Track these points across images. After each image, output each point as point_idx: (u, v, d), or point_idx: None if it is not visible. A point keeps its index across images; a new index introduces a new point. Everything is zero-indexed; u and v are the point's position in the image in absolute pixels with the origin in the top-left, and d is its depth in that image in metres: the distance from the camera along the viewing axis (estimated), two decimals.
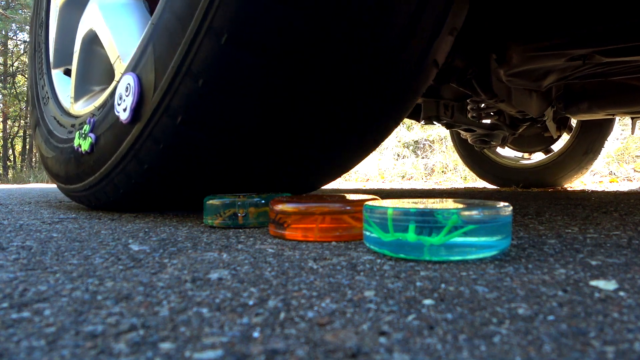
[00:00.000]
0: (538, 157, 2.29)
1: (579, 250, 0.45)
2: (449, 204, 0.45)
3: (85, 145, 0.85)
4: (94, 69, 0.98)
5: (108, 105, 0.81)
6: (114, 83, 0.82)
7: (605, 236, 0.54)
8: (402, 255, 0.40)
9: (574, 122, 2.08)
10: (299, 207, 0.52)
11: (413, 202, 0.47)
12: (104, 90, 0.97)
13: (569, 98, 1.53)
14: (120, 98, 0.75)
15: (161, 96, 0.66)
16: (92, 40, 0.95)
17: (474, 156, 2.36)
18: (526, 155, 2.32)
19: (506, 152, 2.36)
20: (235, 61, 0.60)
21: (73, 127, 0.94)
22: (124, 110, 0.73)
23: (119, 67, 0.81)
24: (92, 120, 0.85)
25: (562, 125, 1.86)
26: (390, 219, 0.40)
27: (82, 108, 0.95)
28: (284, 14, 0.57)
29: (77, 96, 0.99)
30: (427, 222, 0.39)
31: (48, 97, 1.10)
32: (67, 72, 1.12)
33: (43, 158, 1.09)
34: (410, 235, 0.39)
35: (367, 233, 0.43)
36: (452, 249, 0.39)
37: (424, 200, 0.51)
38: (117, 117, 0.76)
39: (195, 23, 0.60)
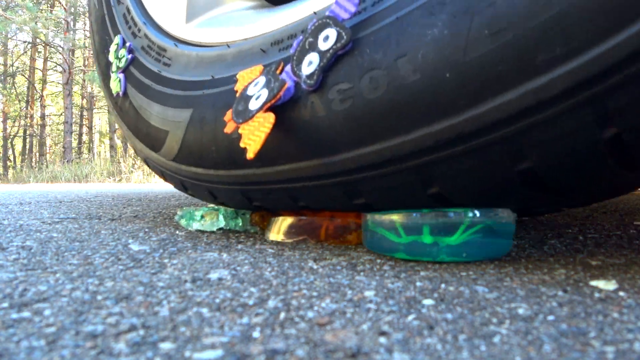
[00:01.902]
0: None
1: (579, 250, 0.45)
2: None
3: (115, 85, 0.68)
4: None
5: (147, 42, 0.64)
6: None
7: (606, 236, 0.54)
8: (417, 257, 0.40)
9: None
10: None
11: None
12: None
13: None
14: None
15: None
16: None
17: None
18: None
19: None
20: None
21: None
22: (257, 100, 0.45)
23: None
24: (130, 50, 0.67)
25: None
26: (399, 223, 0.40)
27: None
28: None
29: None
30: (441, 222, 0.38)
31: None
32: None
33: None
34: (426, 237, 0.39)
35: (377, 236, 0.42)
36: (466, 249, 0.39)
37: None
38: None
39: None
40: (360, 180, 0.43)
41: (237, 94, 0.47)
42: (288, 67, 0.43)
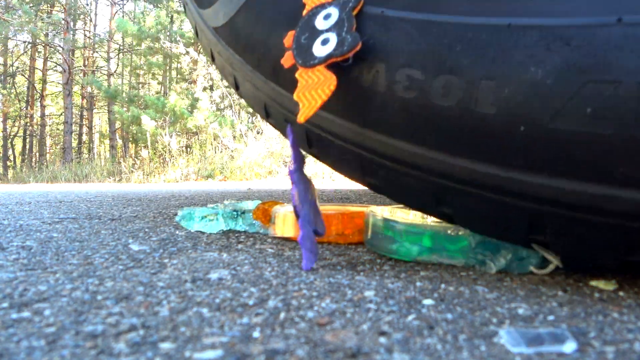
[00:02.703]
0: None
1: None
2: None
3: None
4: None
5: None
6: None
7: None
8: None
9: None
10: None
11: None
12: None
13: None
14: None
15: None
16: None
17: None
18: None
19: None
20: None
21: None
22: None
23: None
24: None
25: None
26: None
27: None
28: None
29: None
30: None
31: None
32: None
33: None
34: (426, 241, 0.39)
35: (380, 237, 0.42)
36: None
37: None
38: None
39: None
40: (380, 164, 0.39)
41: (304, 13, 0.41)
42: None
